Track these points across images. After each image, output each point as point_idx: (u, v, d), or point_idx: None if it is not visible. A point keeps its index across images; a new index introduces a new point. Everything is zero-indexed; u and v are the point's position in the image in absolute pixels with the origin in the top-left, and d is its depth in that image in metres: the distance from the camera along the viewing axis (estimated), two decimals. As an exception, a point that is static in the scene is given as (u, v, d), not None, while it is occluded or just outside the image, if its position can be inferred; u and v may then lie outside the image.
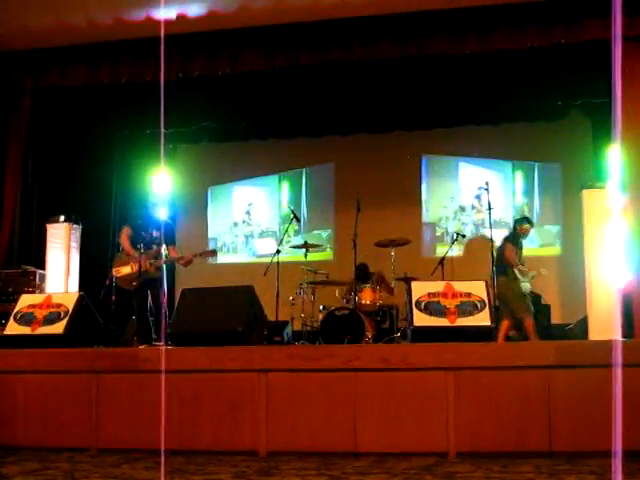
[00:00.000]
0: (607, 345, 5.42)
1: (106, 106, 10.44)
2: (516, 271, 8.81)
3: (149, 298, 8.21)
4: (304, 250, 9.78)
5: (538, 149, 11.48)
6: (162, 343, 6.76)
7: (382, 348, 6.77)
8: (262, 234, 12.61)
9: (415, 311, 6.18)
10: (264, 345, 6.96)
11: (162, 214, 8.49)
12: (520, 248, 9.08)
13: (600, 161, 10.15)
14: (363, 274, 9.85)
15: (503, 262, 8.84)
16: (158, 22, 8.50)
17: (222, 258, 12.69)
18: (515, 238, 9.09)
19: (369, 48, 8.68)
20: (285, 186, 12.63)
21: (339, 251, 11.75)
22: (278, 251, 9.50)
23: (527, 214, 11.57)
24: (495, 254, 8.63)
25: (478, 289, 6.32)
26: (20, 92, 9.61)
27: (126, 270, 8.27)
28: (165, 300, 8.23)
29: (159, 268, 8.21)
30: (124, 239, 8.37)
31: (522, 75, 9.48)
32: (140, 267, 8.04)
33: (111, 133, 11.48)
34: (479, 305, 6.15)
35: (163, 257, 8.22)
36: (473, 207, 11.79)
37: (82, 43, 9.21)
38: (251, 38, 8.90)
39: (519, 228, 9.14)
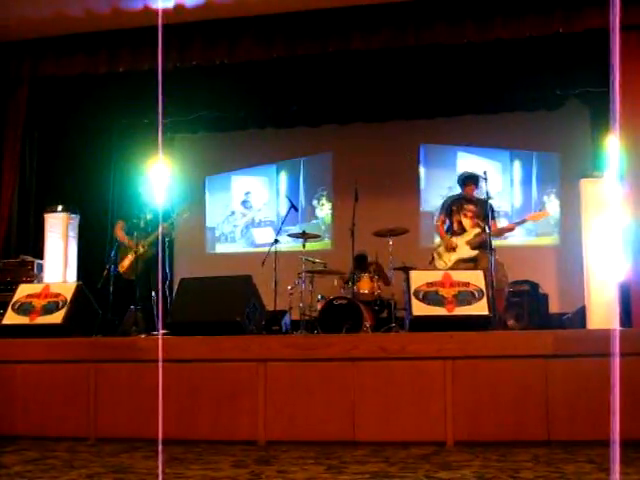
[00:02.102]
0: (605, 334, 5.43)
1: (104, 95, 10.40)
2: (440, 247, 8.44)
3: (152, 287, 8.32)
4: (302, 240, 9.78)
5: (536, 138, 11.47)
6: (160, 332, 6.76)
7: (381, 337, 6.78)
8: (260, 223, 12.61)
9: (413, 300, 6.19)
10: (262, 335, 6.96)
11: (156, 197, 8.51)
12: (460, 211, 8.35)
13: (599, 150, 10.15)
14: (361, 264, 9.90)
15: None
16: (156, 11, 8.48)
17: (220, 248, 12.70)
18: (454, 202, 8.48)
19: (367, 37, 8.64)
20: (283, 175, 12.62)
21: (337, 241, 11.76)
22: (276, 240, 9.50)
23: (525, 204, 11.59)
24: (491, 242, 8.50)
25: (476, 278, 6.33)
26: (17, 82, 9.56)
27: (127, 262, 8.42)
28: (164, 286, 8.28)
29: (151, 245, 8.28)
30: (118, 232, 8.55)
31: (521, 64, 9.45)
32: (136, 252, 8.20)
33: (109, 122, 11.43)
34: (477, 294, 6.17)
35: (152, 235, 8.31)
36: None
37: (80, 32, 9.18)
38: (249, 27, 8.87)
39: (464, 189, 8.45)
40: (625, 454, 2.83)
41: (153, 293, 8.36)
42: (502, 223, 9.30)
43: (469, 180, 8.44)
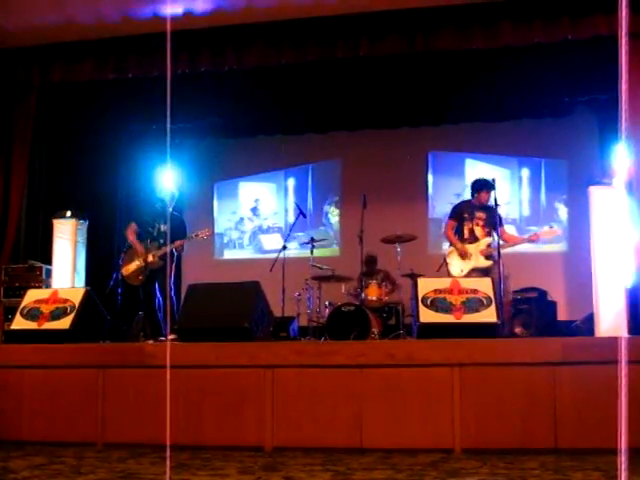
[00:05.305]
0: (613, 342, 5.41)
1: (112, 102, 10.44)
2: (453, 253, 8.39)
3: (157, 293, 8.28)
4: (310, 246, 9.78)
5: (544, 145, 11.45)
6: (167, 338, 6.77)
7: (388, 344, 6.77)
8: (268, 230, 12.61)
9: (421, 307, 6.19)
10: (270, 341, 6.96)
11: (170, 208, 8.46)
12: (472, 219, 8.37)
13: (607, 157, 10.12)
14: (370, 267, 9.93)
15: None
16: (164, 18, 8.50)
17: (228, 254, 12.71)
18: (466, 209, 8.49)
19: (376, 44, 8.65)
20: (291, 182, 12.63)
21: (345, 247, 11.75)
22: (284, 247, 9.50)
23: (533, 211, 11.56)
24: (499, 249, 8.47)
25: (484, 286, 6.32)
26: (26, 88, 9.60)
27: (133, 267, 8.37)
28: (171, 293, 8.23)
29: (162, 257, 8.23)
30: (131, 234, 8.49)
31: (528, 71, 9.45)
32: (145, 260, 8.15)
33: (117, 128, 11.46)
34: (485, 302, 6.16)
35: (166, 247, 8.24)
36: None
37: (89, 39, 9.20)
38: (257, 34, 8.88)
39: (477, 197, 8.42)
40: (633, 462, 2.81)
41: (159, 298, 8.33)
42: (510, 230, 9.27)
43: (484, 187, 8.37)
